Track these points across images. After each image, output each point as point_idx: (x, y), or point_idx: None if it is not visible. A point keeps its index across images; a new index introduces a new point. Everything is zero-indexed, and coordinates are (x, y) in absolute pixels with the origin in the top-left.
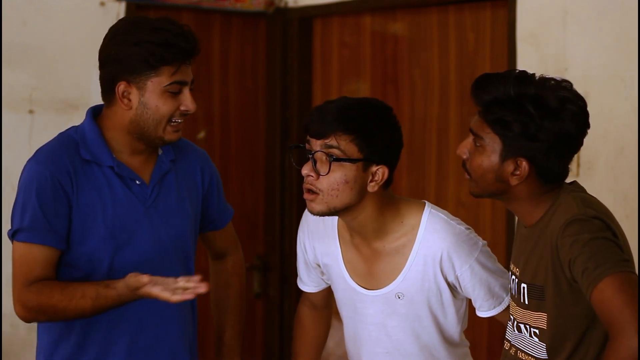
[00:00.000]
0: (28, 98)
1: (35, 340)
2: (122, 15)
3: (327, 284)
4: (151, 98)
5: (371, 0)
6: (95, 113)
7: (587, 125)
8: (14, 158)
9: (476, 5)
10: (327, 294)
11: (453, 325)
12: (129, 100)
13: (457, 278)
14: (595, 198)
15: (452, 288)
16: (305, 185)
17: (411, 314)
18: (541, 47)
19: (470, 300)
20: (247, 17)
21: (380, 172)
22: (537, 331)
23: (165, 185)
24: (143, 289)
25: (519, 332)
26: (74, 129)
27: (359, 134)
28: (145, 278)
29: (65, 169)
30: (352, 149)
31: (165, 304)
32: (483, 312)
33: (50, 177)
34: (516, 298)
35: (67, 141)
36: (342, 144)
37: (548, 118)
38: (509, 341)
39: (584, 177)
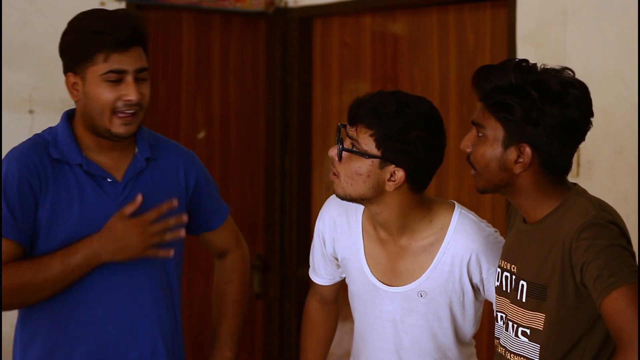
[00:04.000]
0: (28, 98)
1: None
2: None
3: (341, 277)
4: (91, 87)
5: (371, 0)
6: (70, 116)
7: (591, 113)
8: None
9: (476, 5)
10: (338, 289)
11: (469, 327)
12: (77, 90)
13: (482, 280)
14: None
15: (476, 290)
16: (331, 167)
17: (431, 313)
18: (541, 47)
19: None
20: (247, 17)
21: (398, 174)
22: (527, 331)
23: (139, 183)
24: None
25: (506, 330)
26: (48, 129)
27: (379, 131)
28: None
29: (34, 168)
30: (370, 144)
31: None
32: None
33: (17, 175)
34: (511, 295)
35: (39, 141)
36: (361, 136)
37: (550, 102)
38: (498, 339)
39: (584, 177)
